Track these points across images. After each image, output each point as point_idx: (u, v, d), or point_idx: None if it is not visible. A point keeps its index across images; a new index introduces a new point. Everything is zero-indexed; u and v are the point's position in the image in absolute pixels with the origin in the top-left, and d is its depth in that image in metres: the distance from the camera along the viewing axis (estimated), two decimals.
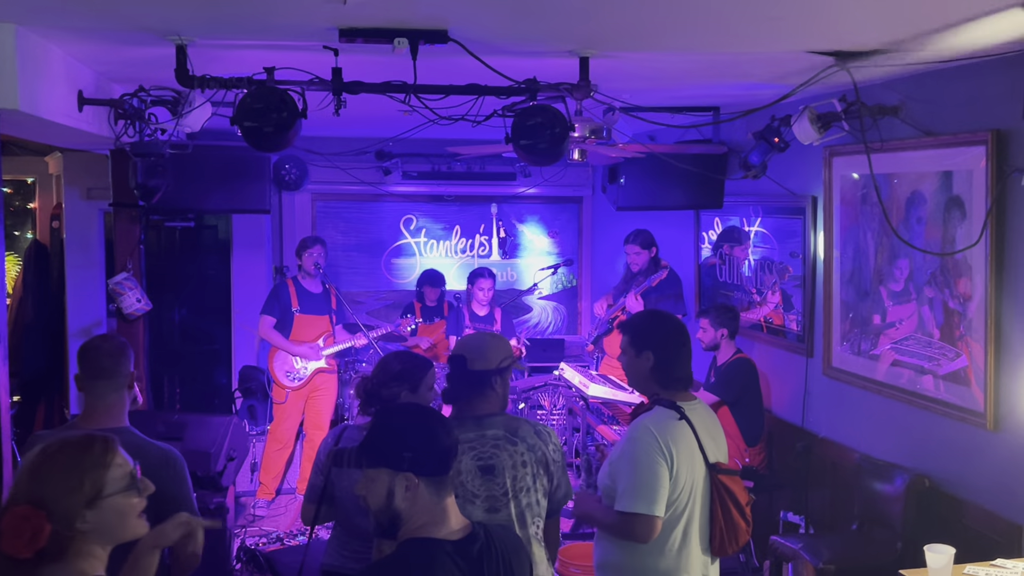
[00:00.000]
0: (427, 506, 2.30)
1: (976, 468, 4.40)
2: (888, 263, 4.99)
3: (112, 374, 3.22)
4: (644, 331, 3.38)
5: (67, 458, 2.03)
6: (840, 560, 4.65)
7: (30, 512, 1.93)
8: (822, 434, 5.64)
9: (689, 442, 3.22)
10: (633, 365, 3.35)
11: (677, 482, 3.17)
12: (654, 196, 6.46)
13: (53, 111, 4.10)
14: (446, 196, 9.11)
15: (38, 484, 1.98)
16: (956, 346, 4.49)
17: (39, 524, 1.93)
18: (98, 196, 7.69)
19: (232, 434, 5.89)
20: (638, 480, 3.14)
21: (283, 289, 7.11)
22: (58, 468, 2.01)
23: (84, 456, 2.05)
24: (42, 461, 2.02)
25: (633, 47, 4.09)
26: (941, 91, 4.52)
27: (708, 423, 3.35)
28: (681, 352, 3.36)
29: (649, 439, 3.17)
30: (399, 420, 2.40)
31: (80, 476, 2.02)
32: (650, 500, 3.12)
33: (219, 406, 8.73)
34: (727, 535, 3.25)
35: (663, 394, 3.30)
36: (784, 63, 4.39)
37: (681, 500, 3.20)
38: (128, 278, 6.18)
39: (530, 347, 8.35)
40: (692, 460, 3.21)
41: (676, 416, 3.22)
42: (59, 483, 2.00)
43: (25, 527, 1.91)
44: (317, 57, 3.95)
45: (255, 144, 3.97)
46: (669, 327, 3.42)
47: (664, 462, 3.14)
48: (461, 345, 3.26)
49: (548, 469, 3.08)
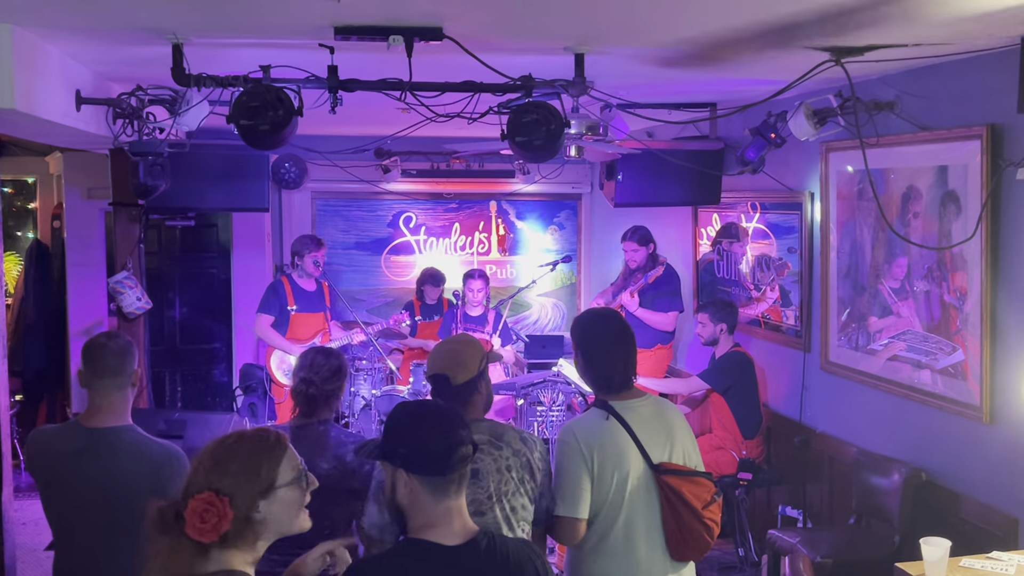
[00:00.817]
0: (424, 507, 2.29)
1: (972, 462, 4.39)
2: (884, 258, 4.99)
3: (116, 372, 3.22)
4: (575, 331, 3.33)
5: (246, 449, 2.10)
6: (838, 554, 4.65)
7: (214, 499, 2.01)
8: (820, 429, 5.64)
9: (617, 442, 3.13)
10: (576, 365, 3.35)
11: (601, 483, 3.10)
12: (652, 192, 6.45)
13: (51, 110, 4.10)
14: (445, 194, 9.11)
15: (219, 473, 2.05)
16: (953, 340, 4.49)
17: (223, 510, 2.01)
18: (98, 196, 7.71)
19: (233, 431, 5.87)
20: (559, 482, 3.12)
21: (280, 287, 7.07)
22: (238, 457, 2.08)
23: (261, 447, 2.12)
24: (223, 451, 2.09)
25: (628, 43, 4.09)
26: (936, 86, 4.52)
27: (657, 421, 3.22)
28: (610, 355, 3.25)
29: (568, 440, 3.15)
30: (400, 416, 2.40)
31: (257, 466, 2.09)
32: (570, 503, 3.10)
33: (220, 404, 8.74)
34: (681, 538, 3.14)
35: (603, 395, 3.24)
36: (780, 58, 4.38)
37: (614, 501, 3.12)
38: (128, 277, 6.19)
39: (529, 344, 8.35)
40: (621, 460, 3.12)
41: (603, 416, 3.16)
42: (239, 472, 2.06)
43: (211, 512, 2.00)
44: (313, 55, 3.95)
45: (252, 142, 3.97)
46: (598, 328, 3.31)
47: (583, 463, 3.10)
48: (438, 362, 3.07)
49: (533, 474, 3.00)
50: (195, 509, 2.00)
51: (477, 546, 2.28)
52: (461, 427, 2.34)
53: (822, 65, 4.18)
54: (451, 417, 2.38)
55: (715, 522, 3.19)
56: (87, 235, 8.00)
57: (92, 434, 3.19)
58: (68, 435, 3.24)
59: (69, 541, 3.23)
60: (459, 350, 3.09)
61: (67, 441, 3.22)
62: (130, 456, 3.16)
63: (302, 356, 3.66)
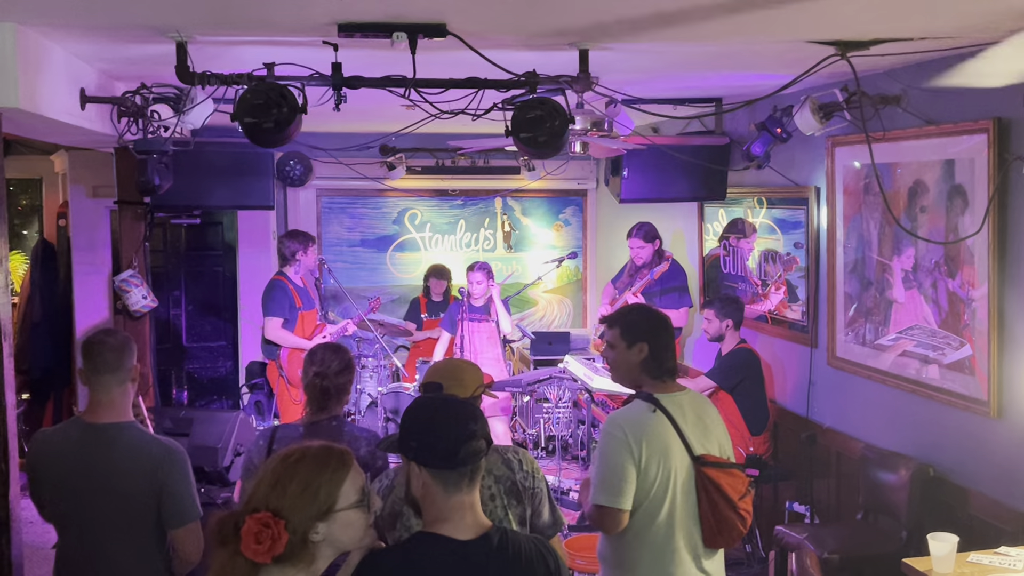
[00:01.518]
0: (436, 500, 2.31)
1: (980, 457, 4.39)
2: (891, 253, 4.98)
3: (115, 368, 3.24)
4: (636, 323, 3.39)
5: (307, 471, 2.09)
6: (845, 550, 4.65)
7: (270, 520, 2.01)
8: (827, 424, 5.64)
9: (663, 434, 3.19)
10: (623, 358, 3.35)
11: (647, 475, 3.16)
12: (657, 188, 6.45)
13: (55, 109, 4.11)
14: (450, 190, 9.12)
15: (278, 494, 2.04)
16: (960, 335, 4.48)
17: (278, 532, 2.00)
18: (104, 194, 7.72)
19: (239, 429, 5.92)
20: (602, 473, 3.17)
21: (285, 288, 6.91)
22: (298, 479, 2.07)
23: (323, 470, 2.10)
24: (284, 471, 2.08)
25: (633, 38, 4.08)
26: (942, 80, 4.51)
27: (698, 414, 3.31)
28: (671, 343, 3.38)
29: (615, 432, 3.19)
30: (414, 409, 2.42)
31: (316, 490, 2.07)
32: (614, 493, 3.14)
33: (226, 402, 8.76)
34: (717, 529, 3.22)
35: (651, 386, 3.31)
36: (785, 53, 4.38)
37: (658, 493, 3.18)
38: (134, 275, 6.20)
39: (535, 340, 8.36)
40: (667, 452, 3.18)
41: (650, 408, 3.22)
42: (298, 494, 2.05)
43: (266, 535, 2.00)
44: (317, 52, 3.95)
45: (256, 140, 3.97)
46: (659, 318, 3.43)
47: (629, 455, 3.14)
48: (436, 372, 3.11)
49: (520, 497, 2.97)
50: (251, 529, 2.00)
51: (489, 541, 2.29)
52: (473, 422, 2.34)
53: (828, 59, 4.17)
54: (464, 412, 2.38)
55: (748, 512, 3.28)
56: (92, 234, 8.02)
57: (94, 430, 3.21)
58: (70, 432, 3.27)
59: (70, 537, 3.26)
60: (461, 367, 3.15)
61: (69, 437, 3.25)
62: (130, 452, 3.18)
63: (310, 353, 3.70)
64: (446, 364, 3.21)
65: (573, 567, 5.08)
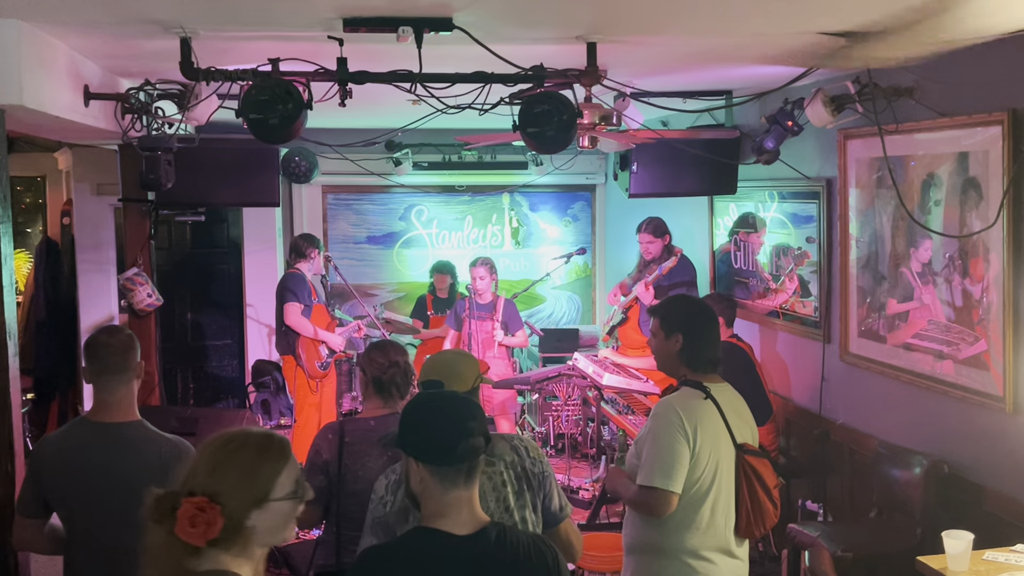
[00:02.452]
0: (434, 495, 2.34)
1: (995, 453, 4.38)
2: (905, 247, 4.97)
3: (120, 368, 3.24)
4: (674, 313, 3.49)
5: (248, 457, 2.11)
6: (858, 547, 4.64)
7: (206, 504, 2.03)
8: (840, 421, 5.63)
9: (714, 421, 3.30)
10: (662, 347, 3.46)
11: (699, 460, 3.25)
12: (667, 183, 6.45)
13: (59, 106, 4.12)
14: (457, 186, 9.13)
15: (217, 479, 2.07)
16: (975, 330, 4.47)
17: (214, 517, 2.03)
18: (108, 191, 7.75)
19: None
20: (657, 455, 3.24)
21: (304, 279, 6.93)
22: (238, 465, 2.10)
23: (263, 459, 2.13)
24: (224, 456, 2.11)
25: (641, 31, 4.08)
26: (956, 71, 4.49)
27: (736, 404, 3.43)
28: (709, 334, 3.46)
29: (671, 416, 3.27)
30: (414, 405, 2.46)
31: (255, 476, 2.10)
32: (667, 475, 3.22)
33: (232, 401, 8.78)
34: (753, 516, 3.33)
35: (691, 376, 3.39)
36: (795, 45, 4.37)
37: (706, 478, 3.27)
38: (139, 273, 6.22)
39: (544, 337, 8.36)
40: (717, 439, 3.29)
41: (702, 395, 3.32)
42: (237, 481, 2.08)
43: (201, 519, 2.02)
44: (322, 47, 3.96)
45: (261, 136, 3.98)
46: (698, 309, 3.54)
47: (684, 440, 3.23)
48: (433, 368, 3.09)
49: (530, 483, 2.98)
50: (187, 512, 2.03)
51: (487, 536, 2.33)
52: (472, 418, 2.36)
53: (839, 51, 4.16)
54: (463, 408, 2.40)
55: (779, 501, 3.40)
56: (97, 231, 8.05)
57: (101, 429, 3.21)
58: (76, 432, 3.26)
59: (78, 537, 3.26)
60: (457, 360, 3.14)
61: (75, 438, 3.24)
62: (139, 451, 3.17)
63: (379, 347, 3.79)
64: (442, 359, 3.19)
65: (583, 565, 5.08)
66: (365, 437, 3.61)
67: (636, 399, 6.38)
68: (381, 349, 3.78)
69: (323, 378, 7.09)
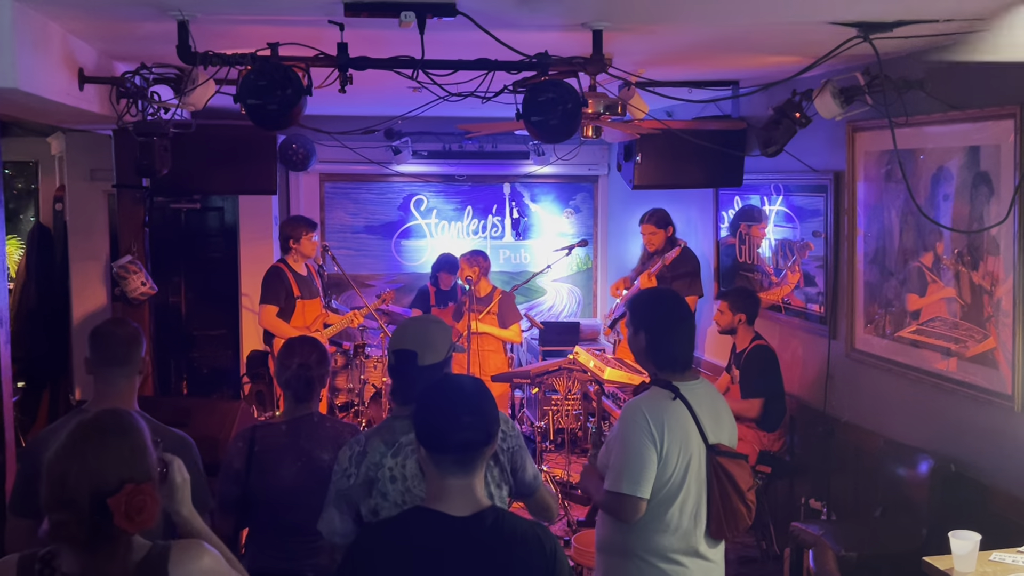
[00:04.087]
0: (432, 479, 2.43)
1: (1003, 452, 4.38)
2: (913, 242, 4.97)
3: (124, 361, 3.24)
4: (639, 310, 3.43)
5: (137, 436, 2.13)
6: (863, 547, 4.65)
7: (150, 488, 2.07)
8: (845, 418, 5.64)
9: (683, 422, 3.24)
10: (632, 343, 3.42)
11: (668, 462, 3.20)
12: (671, 174, 6.43)
13: (53, 90, 4.11)
14: (457, 176, 9.12)
15: (140, 461, 2.10)
16: (984, 327, 4.47)
17: (151, 495, 2.07)
18: (102, 177, 7.73)
19: (240, 420, 5.92)
20: (625, 461, 3.21)
21: (283, 275, 6.94)
22: (142, 444, 2.13)
23: (141, 433, 2.16)
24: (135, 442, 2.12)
25: (648, 19, 4.07)
26: (968, 63, 4.48)
27: (711, 403, 3.36)
28: (676, 333, 3.36)
29: (638, 419, 3.22)
30: (430, 388, 2.54)
31: (148, 451, 2.15)
32: (635, 481, 3.18)
33: (226, 391, 8.78)
34: (725, 518, 3.28)
35: (662, 374, 3.33)
36: (804, 35, 4.36)
37: (675, 480, 3.23)
38: (133, 261, 6.21)
39: (544, 330, 8.36)
40: (686, 440, 3.23)
41: (670, 396, 3.26)
42: (149, 459, 2.13)
43: (153, 504, 2.06)
44: (322, 32, 3.95)
45: (259, 122, 3.97)
46: (664, 307, 3.43)
47: (652, 443, 3.19)
48: (406, 336, 3.00)
49: (498, 459, 2.92)
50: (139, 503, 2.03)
51: (483, 519, 2.39)
52: (471, 412, 2.41)
53: (849, 41, 4.15)
54: (466, 400, 2.45)
55: (754, 504, 3.35)
56: (90, 218, 8.03)
57: None
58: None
59: None
60: (431, 330, 3.04)
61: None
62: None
63: (287, 347, 3.75)
64: (415, 327, 3.09)
65: (582, 562, 5.10)
66: (276, 444, 3.57)
67: None
68: (288, 350, 3.71)
69: None
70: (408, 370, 2.94)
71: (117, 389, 3.23)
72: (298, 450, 3.56)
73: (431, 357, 2.94)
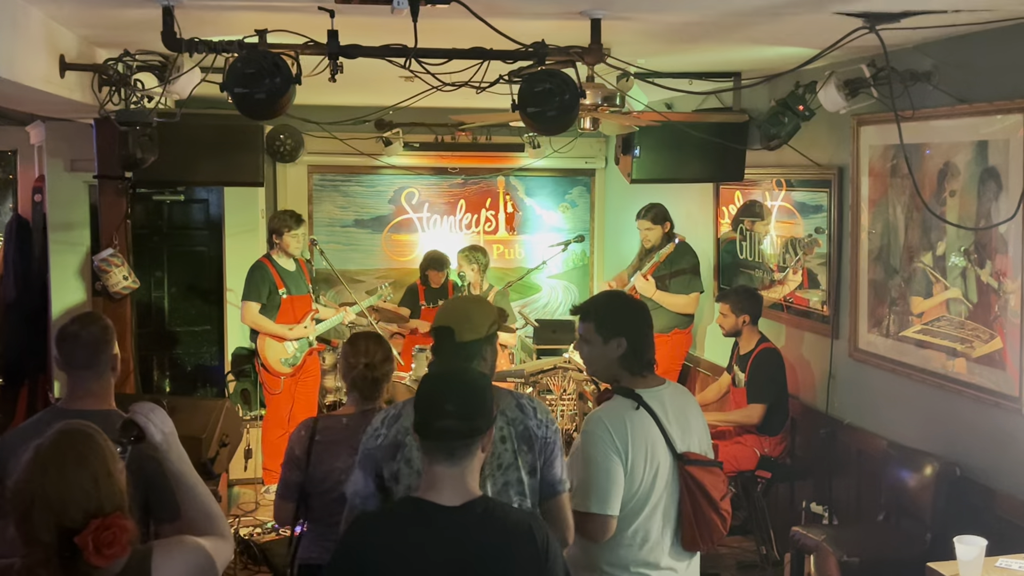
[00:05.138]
0: (425, 467, 2.53)
1: (1010, 455, 4.39)
2: (919, 239, 4.97)
3: (90, 364, 3.22)
4: (613, 316, 3.32)
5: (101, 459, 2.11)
6: (865, 552, 4.66)
7: (118, 519, 2.05)
8: (847, 420, 5.64)
9: (647, 432, 3.18)
10: (599, 353, 3.29)
11: (634, 475, 3.14)
12: (670, 168, 6.43)
13: (33, 77, 4.09)
14: (450, 168, 9.10)
15: (104, 489, 2.07)
16: (991, 327, 4.48)
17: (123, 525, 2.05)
18: (82, 168, 7.69)
19: (224, 419, 5.91)
20: (591, 478, 3.13)
21: (265, 271, 6.95)
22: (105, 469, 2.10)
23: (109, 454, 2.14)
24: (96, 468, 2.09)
25: (648, 7, 4.07)
26: (976, 56, 4.49)
27: (679, 409, 3.29)
28: (651, 334, 3.35)
29: (601, 433, 3.15)
30: (426, 376, 2.65)
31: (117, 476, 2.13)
32: (603, 500, 3.11)
33: (210, 390, 8.76)
34: (698, 529, 3.22)
35: (629, 381, 3.27)
36: (809, 24, 4.36)
37: (642, 492, 3.17)
38: (114, 254, 6.18)
39: (539, 328, 8.35)
40: (652, 450, 3.17)
41: (633, 405, 3.19)
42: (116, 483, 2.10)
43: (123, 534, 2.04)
44: (312, 19, 3.93)
45: (246, 111, 3.96)
46: (638, 310, 3.39)
47: (617, 458, 3.12)
48: (445, 314, 3.09)
49: (532, 444, 2.95)
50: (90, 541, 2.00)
51: (473, 509, 2.46)
52: (454, 402, 2.48)
53: (855, 32, 4.15)
54: (455, 390, 2.53)
55: (728, 513, 3.31)
56: (70, 210, 8.00)
57: (77, 416, 3.17)
58: (46, 422, 3.19)
59: None
60: (471, 307, 3.13)
61: (44, 428, 3.20)
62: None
63: (353, 343, 3.87)
64: (455, 306, 3.23)
65: None
66: (337, 436, 3.71)
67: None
68: (354, 346, 3.83)
69: (291, 375, 7.09)
70: (446, 346, 3.00)
71: (88, 389, 3.21)
72: (356, 444, 3.59)
73: (469, 333, 3.00)
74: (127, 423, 2.42)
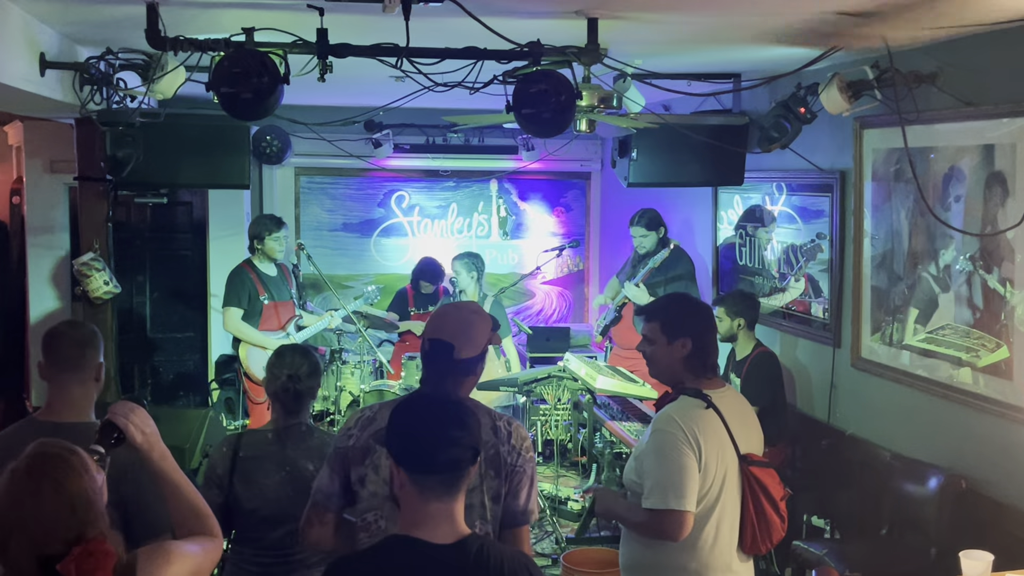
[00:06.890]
0: (412, 504, 2.35)
1: (1017, 468, 4.40)
2: (923, 245, 4.99)
3: (79, 366, 3.20)
4: (680, 317, 3.42)
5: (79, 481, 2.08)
6: (868, 567, 4.66)
7: (100, 544, 2.03)
8: (850, 431, 5.65)
9: (718, 431, 3.28)
10: (664, 353, 3.39)
11: (707, 474, 3.23)
12: (669, 171, 6.44)
13: (11, 75, 4.09)
14: (442, 171, 9.11)
15: (84, 513, 2.05)
16: (997, 336, 4.49)
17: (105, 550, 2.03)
18: (62, 169, 7.69)
19: (208, 429, 5.91)
20: (666, 474, 3.20)
21: (245, 276, 6.91)
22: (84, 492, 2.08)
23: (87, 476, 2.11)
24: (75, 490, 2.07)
25: (645, 6, 4.08)
26: (982, 57, 4.51)
27: (740, 412, 3.41)
28: (715, 337, 3.49)
29: (675, 430, 3.24)
30: (403, 406, 2.48)
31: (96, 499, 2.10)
32: (680, 495, 3.18)
33: (194, 399, 8.75)
34: (759, 531, 3.32)
35: (692, 383, 3.36)
36: (811, 24, 4.37)
37: (712, 493, 3.26)
38: (95, 258, 6.18)
39: (533, 336, 8.36)
40: (721, 450, 3.27)
41: (703, 404, 3.29)
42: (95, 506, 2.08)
43: (107, 558, 2.02)
44: (301, 17, 3.94)
45: (233, 112, 3.97)
46: (703, 310, 3.53)
47: (692, 453, 3.21)
48: (443, 327, 2.95)
49: (499, 470, 2.87)
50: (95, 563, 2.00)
51: (467, 548, 2.32)
52: (458, 428, 2.35)
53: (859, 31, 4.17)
54: (452, 416, 2.39)
55: (787, 515, 3.40)
56: (50, 212, 8.00)
57: (49, 430, 3.12)
58: (20, 434, 3.12)
59: None
60: (473, 321, 2.98)
61: (19, 441, 3.16)
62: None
63: (278, 355, 3.78)
64: (456, 317, 3.02)
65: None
66: (261, 451, 3.65)
67: (632, 404, 6.39)
68: (280, 358, 3.75)
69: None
70: (442, 362, 2.92)
71: (71, 396, 3.18)
72: (283, 458, 3.62)
73: (468, 351, 2.92)
74: (106, 425, 2.40)
